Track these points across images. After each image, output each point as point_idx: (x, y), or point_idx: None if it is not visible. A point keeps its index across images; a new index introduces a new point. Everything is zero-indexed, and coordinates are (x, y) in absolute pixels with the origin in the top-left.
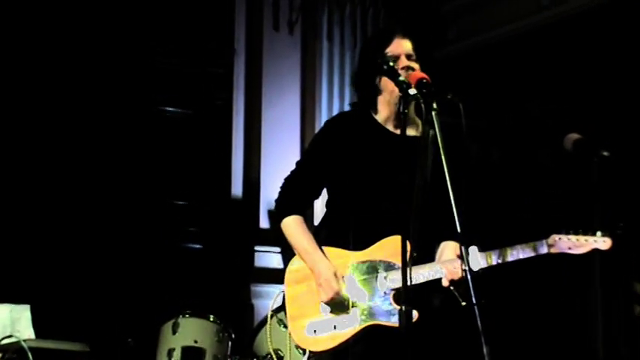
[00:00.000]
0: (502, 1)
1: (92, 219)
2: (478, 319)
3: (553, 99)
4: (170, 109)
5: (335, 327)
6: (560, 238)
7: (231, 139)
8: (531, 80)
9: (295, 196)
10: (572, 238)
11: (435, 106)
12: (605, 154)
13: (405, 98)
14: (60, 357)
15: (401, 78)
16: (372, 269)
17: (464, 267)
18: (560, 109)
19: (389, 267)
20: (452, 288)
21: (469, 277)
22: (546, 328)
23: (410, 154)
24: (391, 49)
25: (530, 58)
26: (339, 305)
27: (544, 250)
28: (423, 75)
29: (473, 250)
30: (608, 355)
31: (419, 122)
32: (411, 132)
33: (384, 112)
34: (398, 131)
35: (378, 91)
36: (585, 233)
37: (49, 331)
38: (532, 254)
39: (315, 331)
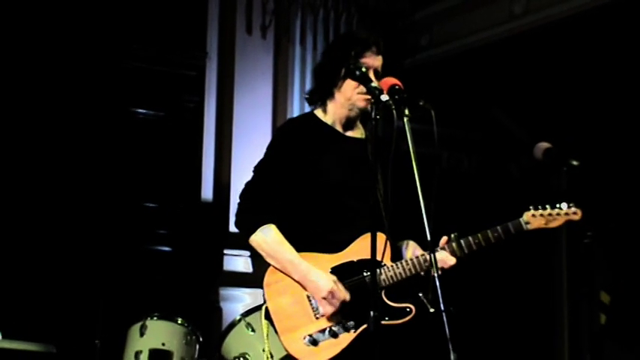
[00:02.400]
0: (475, 9)
1: (61, 220)
2: (446, 325)
3: (523, 107)
4: (141, 110)
5: (334, 335)
6: (534, 215)
7: (202, 141)
8: (502, 88)
9: (260, 205)
10: (545, 212)
11: (406, 112)
12: (575, 163)
13: (376, 104)
14: (26, 358)
15: (373, 84)
16: (355, 270)
17: (433, 273)
18: (531, 118)
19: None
20: (421, 295)
21: (437, 283)
22: (513, 336)
23: (363, 154)
24: (365, 60)
25: (502, 66)
26: (336, 312)
27: (522, 227)
28: (396, 81)
29: (453, 237)
30: None
31: (360, 125)
32: (356, 134)
33: (333, 113)
34: (348, 133)
35: (337, 88)
36: (553, 207)
37: (15, 332)
38: (511, 233)
39: (314, 341)
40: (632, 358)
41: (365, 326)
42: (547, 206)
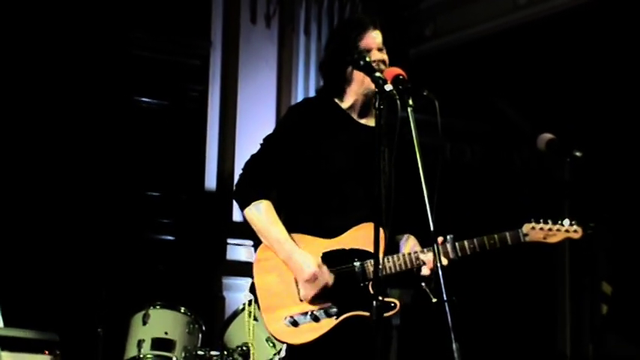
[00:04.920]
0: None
1: (64, 208)
2: (449, 315)
3: (527, 98)
4: (145, 99)
5: (315, 319)
6: (533, 227)
7: (206, 131)
8: (506, 79)
9: (261, 179)
10: (545, 227)
11: (410, 102)
12: (578, 154)
13: (380, 94)
14: (29, 346)
15: (377, 74)
16: (346, 258)
17: (437, 263)
18: (534, 109)
19: (364, 256)
20: (423, 284)
21: (440, 273)
22: (515, 326)
23: (373, 143)
24: (365, 42)
25: (506, 57)
26: (319, 297)
27: (520, 239)
28: (400, 71)
29: (449, 239)
30: (576, 353)
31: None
32: (369, 122)
33: (349, 100)
34: (362, 120)
35: (347, 81)
36: (555, 222)
37: (18, 321)
38: (508, 243)
39: (295, 322)
40: (633, 349)
41: (347, 315)
42: (548, 220)
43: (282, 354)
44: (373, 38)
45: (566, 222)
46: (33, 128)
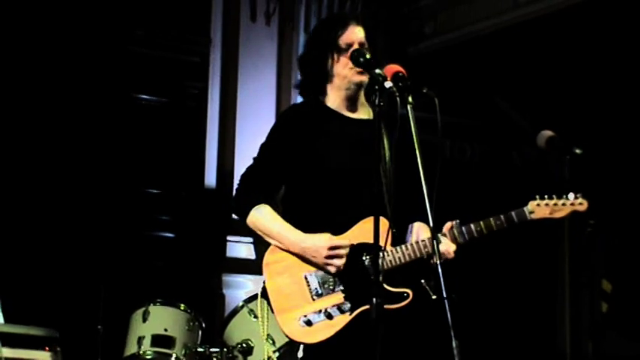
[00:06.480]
0: None
1: (64, 205)
2: (448, 313)
3: (527, 96)
4: (144, 96)
5: (329, 316)
6: (538, 204)
7: (206, 128)
8: (506, 77)
9: (258, 187)
10: (551, 202)
11: (410, 99)
12: (578, 151)
13: (380, 91)
14: (29, 342)
15: (377, 71)
16: (356, 253)
17: (436, 260)
18: (534, 106)
19: (373, 249)
20: (423, 282)
21: (440, 270)
22: (514, 324)
23: (369, 136)
24: (346, 37)
25: (506, 55)
26: (347, 269)
27: (526, 217)
28: (399, 68)
29: (455, 224)
30: (575, 351)
31: (366, 104)
32: (362, 115)
33: (333, 97)
34: (353, 115)
35: (327, 77)
36: (560, 197)
37: (18, 317)
38: (514, 222)
39: (309, 322)
40: (632, 347)
41: (361, 309)
42: (553, 196)
43: (300, 354)
44: (355, 33)
45: (571, 196)
46: (32, 125)
